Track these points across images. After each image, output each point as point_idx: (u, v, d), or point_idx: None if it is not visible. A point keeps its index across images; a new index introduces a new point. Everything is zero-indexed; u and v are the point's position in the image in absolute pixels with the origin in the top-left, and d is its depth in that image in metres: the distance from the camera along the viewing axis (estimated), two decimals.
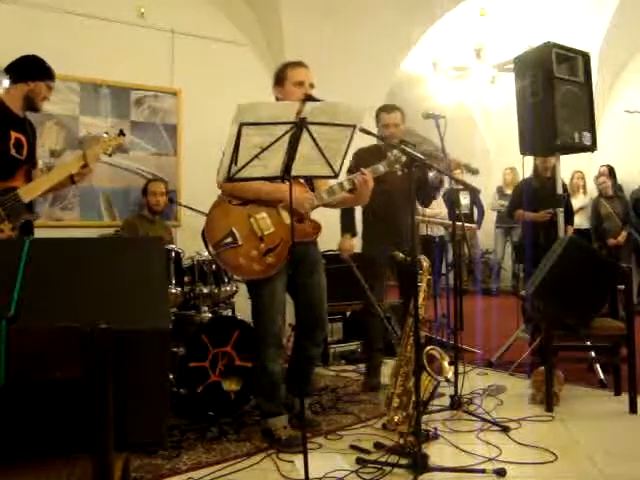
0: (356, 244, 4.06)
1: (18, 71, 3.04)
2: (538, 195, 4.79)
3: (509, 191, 8.71)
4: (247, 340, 3.26)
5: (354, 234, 4.04)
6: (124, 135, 3.18)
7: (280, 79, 2.98)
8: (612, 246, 7.02)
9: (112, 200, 4.86)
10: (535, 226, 4.77)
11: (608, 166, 7.65)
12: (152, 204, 4.50)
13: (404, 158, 2.86)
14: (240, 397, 3.31)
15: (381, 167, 2.96)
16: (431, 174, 3.97)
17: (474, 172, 4.08)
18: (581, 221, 7.42)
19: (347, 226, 3.99)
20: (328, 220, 2.99)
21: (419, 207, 4.43)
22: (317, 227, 2.97)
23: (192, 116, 5.13)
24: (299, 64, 2.99)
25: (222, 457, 2.70)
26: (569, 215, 4.87)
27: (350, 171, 3.32)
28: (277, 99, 3.00)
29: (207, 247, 2.84)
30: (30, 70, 3.03)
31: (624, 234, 6.98)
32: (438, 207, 8.07)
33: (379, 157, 3.11)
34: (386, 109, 4.00)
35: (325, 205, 2.99)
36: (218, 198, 2.90)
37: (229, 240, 2.78)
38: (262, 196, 2.85)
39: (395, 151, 2.92)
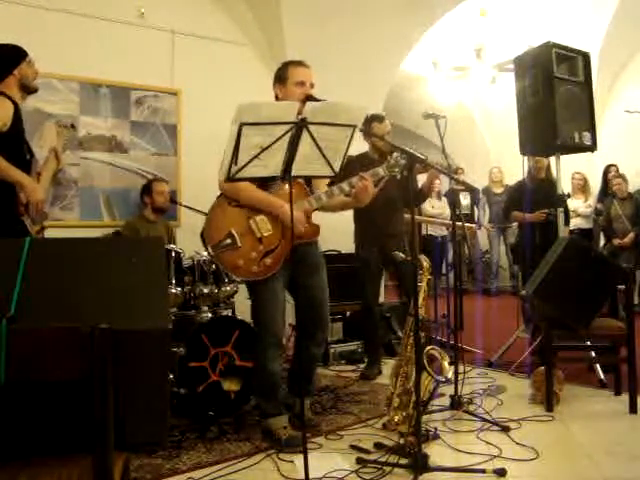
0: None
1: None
2: (534, 196, 4.78)
3: (496, 190, 8.71)
4: (247, 340, 3.26)
5: None
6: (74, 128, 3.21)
7: (281, 78, 2.98)
8: (618, 246, 6.99)
9: (112, 200, 4.86)
10: (532, 227, 4.77)
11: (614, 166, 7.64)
12: (159, 203, 4.52)
13: (403, 162, 2.83)
14: (240, 397, 3.31)
15: (381, 171, 2.93)
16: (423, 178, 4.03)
17: (451, 173, 3.75)
18: (582, 221, 7.41)
19: None
20: (328, 220, 2.99)
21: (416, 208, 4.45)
22: (315, 229, 2.97)
23: (192, 116, 5.13)
24: (300, 63, 2.99)
25: (222, 457, 2.70)
26: (566, 215, 4.87)
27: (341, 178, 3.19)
28: (277, 97, 2.99)
29: (206, 247, 2.84)
30: (6, 61, 2.96)
31: (631, 235, 6.93)
32: (441, 208, 8.11)
33: (368, 166, 3.07)
34: (379, 119, 4.06)
35: (322, 209, 2.98)
36: (217, 199, 2.90)
37: (228, 242, 2.78)
38: (259, 208, 2.86)
39: (395, 154, 2.88)
